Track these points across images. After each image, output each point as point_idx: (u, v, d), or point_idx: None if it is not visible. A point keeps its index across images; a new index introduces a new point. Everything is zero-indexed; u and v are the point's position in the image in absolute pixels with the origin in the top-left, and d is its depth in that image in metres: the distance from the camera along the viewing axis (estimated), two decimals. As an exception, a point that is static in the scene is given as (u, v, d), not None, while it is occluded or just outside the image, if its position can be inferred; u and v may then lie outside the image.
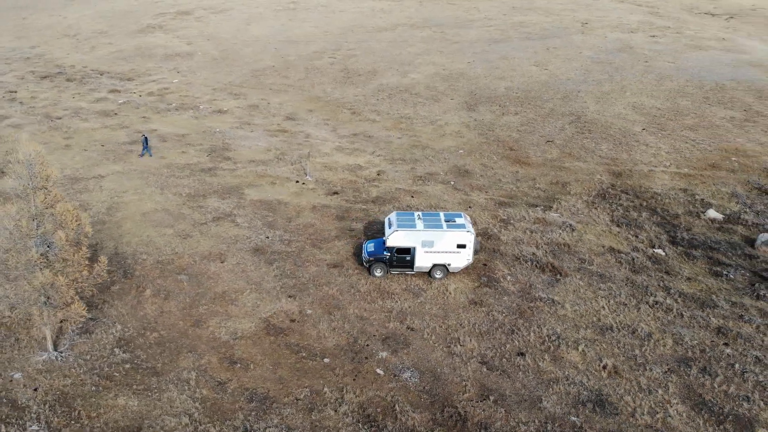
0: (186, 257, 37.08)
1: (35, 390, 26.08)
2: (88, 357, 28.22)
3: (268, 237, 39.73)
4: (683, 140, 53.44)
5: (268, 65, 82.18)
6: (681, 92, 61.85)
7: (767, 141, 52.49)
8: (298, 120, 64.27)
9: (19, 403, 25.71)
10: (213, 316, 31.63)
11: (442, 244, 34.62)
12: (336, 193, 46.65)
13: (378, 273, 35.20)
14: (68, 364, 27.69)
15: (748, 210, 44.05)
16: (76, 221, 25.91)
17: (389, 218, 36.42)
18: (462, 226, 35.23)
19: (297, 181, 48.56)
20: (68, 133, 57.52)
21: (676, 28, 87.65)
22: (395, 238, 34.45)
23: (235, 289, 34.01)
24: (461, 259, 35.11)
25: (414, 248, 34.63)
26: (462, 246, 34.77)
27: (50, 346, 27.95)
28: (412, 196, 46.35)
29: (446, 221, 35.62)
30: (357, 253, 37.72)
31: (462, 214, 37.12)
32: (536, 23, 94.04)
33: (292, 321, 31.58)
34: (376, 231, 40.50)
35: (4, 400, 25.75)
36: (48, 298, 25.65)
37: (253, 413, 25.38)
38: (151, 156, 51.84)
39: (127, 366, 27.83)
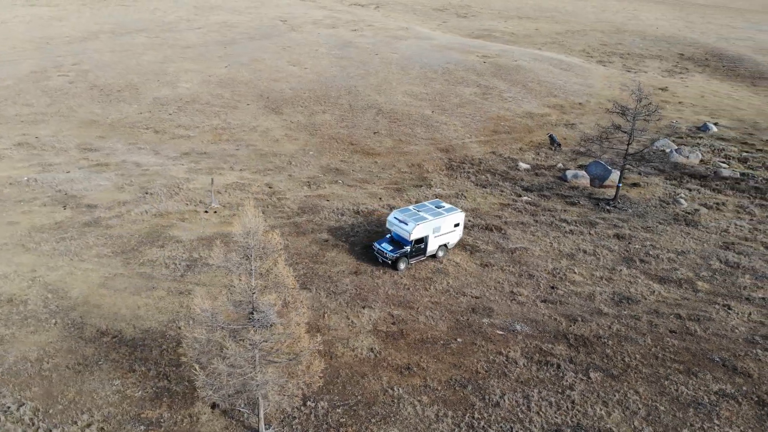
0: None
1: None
2: (295, 421, 27.04)
3: (264, 267, 39.31)
4: (463, 116, 68.80)
5: (-17, 92, 67.29)
6: (427, 78, 77.21)
7: (509, 106, 71.84)
8: (100, 150, 57.62)
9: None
10: (330, 345, 32.39)
11: (445, 227, 41.36)
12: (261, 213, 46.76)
13: (402, 266, 39.91)
14: (288, 432, 26.29)
15: (539, 158, 61.83)
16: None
17: (395, 218, 40.90)
18: (453, 208, 42.47)
19: (206, 211, 46.63)
20: None
21: (363, 21, 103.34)
22: (417, 232, 39.64)
23: (310, 318, 34.54)
24: (456, 236, 42.50)
25: (427, 236, 40.48)
26: (457, 225, 42.16)
27: (263, 427, 25.83)
28: (328, 200, 49.94)
29: (437, 207, 42.27)
30: (362, 258, 41.09)
31: (438, 200, 44.13)
32: (240, 23, 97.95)
33: (393, 324, 34.73)
34: (349, 235, 43.88)
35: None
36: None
37: (479, 392, 29.52)
38: None
39: (338, 411, 27.82)
